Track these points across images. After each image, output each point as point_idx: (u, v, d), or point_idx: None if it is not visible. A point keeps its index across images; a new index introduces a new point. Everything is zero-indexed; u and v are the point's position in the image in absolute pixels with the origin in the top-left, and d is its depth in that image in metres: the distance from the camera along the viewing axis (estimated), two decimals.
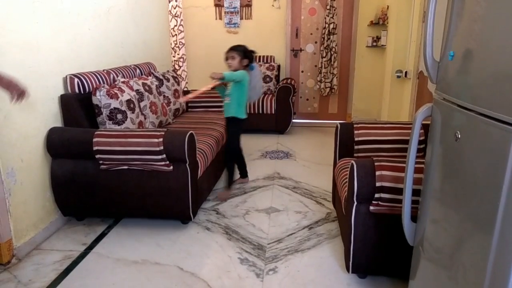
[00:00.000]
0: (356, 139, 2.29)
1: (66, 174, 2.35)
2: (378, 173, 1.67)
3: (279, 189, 3.10)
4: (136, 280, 1.95)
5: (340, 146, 2.39)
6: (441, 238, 1.20)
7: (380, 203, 1.70)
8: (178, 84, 3.88)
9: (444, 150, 1.21)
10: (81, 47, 2.73)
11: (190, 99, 3.55)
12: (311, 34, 5.30)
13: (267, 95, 4.80)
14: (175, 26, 4.95)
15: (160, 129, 2.49)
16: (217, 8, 5.30)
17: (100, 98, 2.48)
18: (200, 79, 2.83)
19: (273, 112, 4.69)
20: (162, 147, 2.19)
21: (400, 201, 1.58)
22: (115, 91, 2.57)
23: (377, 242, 1.78)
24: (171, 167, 2.28)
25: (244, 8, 5.27)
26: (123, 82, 2.79)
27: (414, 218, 1.42)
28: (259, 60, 5.24)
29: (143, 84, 3.01)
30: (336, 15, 5.08)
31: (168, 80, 3.67)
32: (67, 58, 2.57)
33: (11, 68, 2.05)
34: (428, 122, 1.34)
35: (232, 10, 5.27)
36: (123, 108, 2.58)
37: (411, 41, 4.03)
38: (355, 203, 1.75)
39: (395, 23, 4.25)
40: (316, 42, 5.31)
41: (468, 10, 1.10)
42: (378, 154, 2.23)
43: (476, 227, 0.99)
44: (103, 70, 2.87)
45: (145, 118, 2.88)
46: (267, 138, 4.65)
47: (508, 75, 0.88)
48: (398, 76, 4.25)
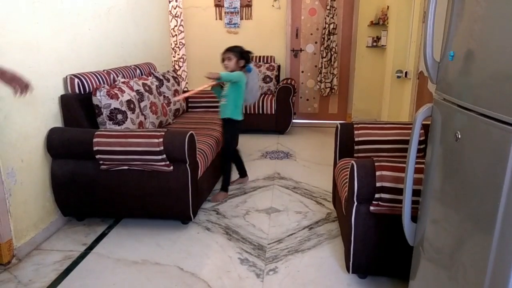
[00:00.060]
0: (356, 139, 2.29)
1: (66, 174, 2.35)
2: (378, 173, 1.67)
3: (279, 189, 3.10)
4: (136, 280, 1.95)
5: (340, 146, 2.39)
6: (441, 238, 1.20)
7: (380, 203, 1.70)
8: (178, 84, 3.88)
9: (444, 150, 1.21)
10: (81, 47, 2.74)
11: (184, 98, 3.48)
12: (311, 34, 5.30)
13: (267, 95, 4.80)
14: (175, 26, 4.95)
15: (160, 129, 2.49)
16: (217, 8, 5.31)
17: (100, 98, 2.48)
18: (200, 79, 2.82)
19: (273, 112, 4.69)
20: (162, 147, 2.19)
21: (400, 201, 1.58)
22: (115, 91, 2.57)
23: (377, 242, 1.78)
24: (171, 167, 2.28)
25: (244, 8, 5.27)
26: (123, 83, 2.79)
27: (414, 218, 1.42)
28: (259, 61, 5.24)
29: (143, 85, 3.01)
30: (336, 15, 5.08)
31: (168, 80, 3.67)
32: (67, 58, 2.57)
33: (11, 68, 2.05)
34: (428, 122, 1.34)
35: (232, 10, 5.27)
36: (123, 108, 2.58)
37: (411, 41, 4.03)
38: (355, 203, 1.75)
39: (395, 23, 4.25)
40: (316, 42, 5.32)
41: (468, 10, 1.10)
42: (378, 154, 2.23)
43: (476, 227, 0.99)
44: (103, 70, 2.87)
45: (145, 118, 2.88)
46: (267, 138, 4.65)
47: (508, 75, 0.88)
48: (398, 76, 4.25)
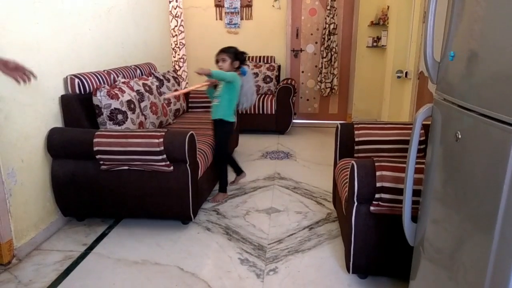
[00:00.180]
0: (356, 139, 2.29)
1: (67, 174, 2.35)
2: (378, 173, 1.67)
3: (279, 189, 3.10)
4: (136, 280, 1.95)
5: (341, 146, 2.39)
6: (441, 238, 1.20)
7: (380, 203, 1.70)
8: (179, 84, 3.88)
9: (444, 150, 1.21)
10: (81, 47, 2.74)
11: (174, 96, 3.35)
12: (312, 34, 5.30)
13: (267, 95, 4.80)
14: (176, 26, 4.96)
15: (161, 129, 2.49)
16: (217, 8, 5.31)
17: (100, 99, 2.48)
18: (201, 79, 2.82)
19: (273, 112, 4.69)
20: (162, 148, 2.19)
21: (400, 201, 1.58)
22: (116, 92, 2.57)
23: (377, 243, 1.78)
24: (172, 168, 2.28)
25: (244, 8, 5.27)
26: (123, 83, 2.79)
27: (415, 219, 1.42)
28: (260, 61, 5.25)
29: (144, 85, 3.01)
30: (336, 15, 5.08)
31: (168, 80, 3.67)
32: (68, 59, 2.57)
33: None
34: (429, 123, 1.34)
35: (233, 10, 5.27)
36: (124, 108, 2.58)
37: (411, 41, 4.03)
38: (356, 204, 1.75)
39: (396, 24, 4.26)
40: (316, 43, 5.32)
41: (468, 10, 1.10)
42: (378, 155, 2.23)
43: (477, 227, 0.99)
44: (104, 71, 2.87)
45: (145, 119, 2.88)
46: (268, 138, 4.65)
47: (509, 76, 0.88)
48: (399, 77, 4.25)
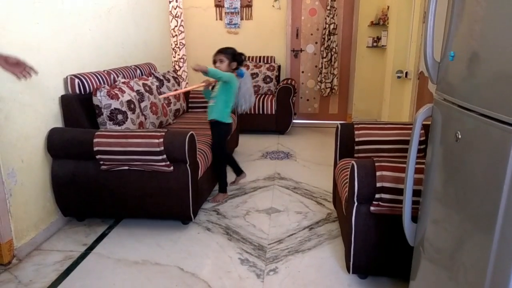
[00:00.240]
0: (356, 139, 2.29)
1: (67, 174, 2.35)
2: (378, 173, 1.67)
3: (279, 189, 3.10)
4: (136, 281, 1.95)
5: (341, 146, 2.39)
6: (441, 238, 1.20)
7: (380, 203, 1.70)
8: (179, 84, 3.88)
9: (444, 150, 1.21)
10: (81, 47, 2.74)
11: (170, 96, 3.28)
12: (312, 34, 5.30)
13: (267, 96, 4.80)
14: (176, 26, 4.96)
15: (161, 129, 2.49)
16: (217, 8, 5.31)
17: (100, 99, 2.48)
18: (201, 79, 2.82)
19: (273, 112, 4.69)
20: (162, 148, 2.19)
21: (400, 201, 1.58)
22: (116, 92, 2.57)
23: (377, 243, 1.78)
24: (172, 168, 2.28)
25: (244, 8, 5.27)
26: (123, 83, 2.79)
27: (415, 219, 1.42)
28: (260, 61, 5.25)
29: (144, 85, 3.01)
30: (336, 15, 5.08)
31: (168, 80, 3.67)
32: (68, 59, 2.57)
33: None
34: (429, 123, 1.34)
35: (233, 10, 5.27)
36: (124, 108, 2.58)
37: (411, 41, 4.03)
38: (356, 204, 1.75)
39: (396, 24, 4.25)
40: (316, 43, 5.32)
41: (468, 10, 1.10)
42: (378, 155, 2.23)
43: (477, 227, 0.99)
44: (104, 71, 2.88)
45: (145, 119, 2.88)
46: (268, 138, 4.65)
47: (509, 76, 0.88)
48: (399, 77, 4.25)
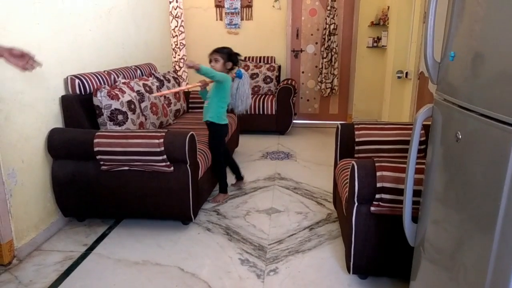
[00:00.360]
0: (356, 139, 2.29)
1: (67, 175, 2.35)
2: (378, 173, 1.67)
3: (279, 189, 3.10)
4: (137, 281, 1.95)
5: (341, 146, 2.39)
6: (442, 238, 1.20)
7: (381, 203, 1.70)
8: (179, 85, 3.88)
9: (445, 150, 1.21)
10: (81, 48, 2.74)
11: (164, 95, 3.25)
12: (312, 34, 5.30)
13: (267, 96, 4.80)
14: (176, 27, 4.96)
15: (161, 130, 2.49)
16: (217, 9, 5.31)
17: (101, 99, 2.49)
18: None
19: (273, 112, 4.69)
20: (162, 148, 2.19)
21: (401, 201, 1.58)
22: (116, 92, 2.57)
23: (378, 243, 1.78)
24: (172, 168, 2.28)
25: (244, 9, 5.28)
26: (123, 83, 2.79)
27: (415, 219, 1.42)
28: (260, 61, 5.25)
29: (144, 85, 3.01)
30: (336, 15, 5.08)
31: (169, 81, 3.67)
32: (68, 59, 2.57)
33: (12, 68, 2.06)
34: (429, 123, 1.34)
35: (233, 11, 5.27)
36: (124, 109, 2.58)
37: (411, 41, 4.03)
38: (356, 204, 1.75)
39: (396, 24, 4.25)
40: (316, 43, 5.32)
41: (468, 10, 1.10)
42: (378, 155, 2.23)
43: (477, 227, 0.98)
44: (104, 71, 2.88)
45: (145, 119, 2.88)
46: (268, 138, 4.65)
47: (509, 76, 0.88)
48: (399, 77, 4.25)
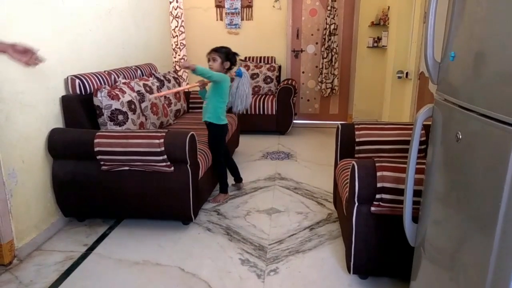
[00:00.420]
0: (357, 139, 2.29)
1: (67, 175, 2.35)
2: (379, 173, 1.67)
3: (280, 190, 3.10)
4: (137, 281, 1.95)
5: (341, 146, 2.39)
6: (442, 238, 1.20)
7: (381, 203, 1.70)
8: (179, 85, 3.89)
9: (445, 150, 1.21)
10: (82, 48, 2.74)
11: (162, 95, 3.22)
12: (312, 35, 5.30)
13: (268, 96, 4.80)
14: (176, 27, 4.96)
15: (161, 130, 2.49)
16: (218, 9, 5.31)
17: (101, 99, 2.49)
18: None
19: (274, 112, 4.69)
20: (163, 148, 2.19)
21: (401, 201, 1.58)
22: (116, 92, 2.57)
23: (378, 243, 1.78)
24: (172, 168, 2.28)
25: (245, 9, 5.28)
26: (124, 83, 2.80)
27: (415, 219, 1.42)
28: (260, 61, 5.25)
29: (144, 85, 3.01)
30: (337, 15, 5.08)
31: (169, 81, 3.68)
32: (68, 59, 2.58)
33: (12, 69, 2.06)
34: (429, 123, 1.34)
35: (233, 11, 5.27)
36: (124, 109, 2.59)
37: (412, 41, 4.03)
38: (356, 204, 1.75)
39: (396, 24, 4.25)
40: (317, 43, 5.32)
41: (469, 10, 1.10)
42: (379, 155, 2.23)
43: (478, 227, 0.98)
44: (104, 71, 2.88)
45: (146, 119, 2.89)
46: (268, 138, 4.65)
47: (509, 76, 0.88)
48: (399, 77, 4.25)
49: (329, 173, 3.18)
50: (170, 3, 4.80)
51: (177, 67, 5.05)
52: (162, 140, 2.20)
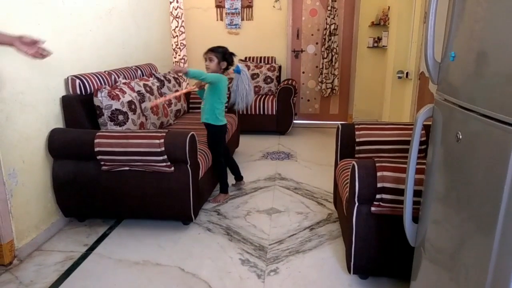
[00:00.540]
0: (357, 139, 2.29)
1: (68, 175, 2.35)
2: (379, 174, 1.67)
3: (280, 190, 3.10)
4: (137, 281, 1.95)
5: (341, 147, 2.39)
6: (442, 239, 1.19)
7: (381, 204, 1.70)
8: (179, 85, 3.89)
9: (445, 151, 1.21)
10: (82, 48, 2.74)
11: (159, 103, 3.15)
12: (312, 35, 5.30)
13: (268, 96, 4.80)
14: (176, 27, 4.96)
15: (162, 130, 2.49)
16: (218, 9, 5.31)
17: (101, 99, 2.49)
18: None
19: (274, 113, 4.69)
20: (163, 148, 2.19)
21: (401, 202, 1.58)
22: (117, 92, 2.58)
23: (378, 243, 1.78)
24: (172, 168, 2.28)
25: (245, 9, 5.28)
26: (124, 83, 2.80)
27: (416, 219, 1.42)
28: (260, 61, 5.25)
29: (144, 85, 3.01)
30: (337, 16, 5.08)
31: (169, 81, 3.68)
32: (69, 60, 2.58)
33: (13, 69, 2.06)
34: (429, 123, 1.34)
35: (233, 11, 5.27)
36: (124, 109, 2.59)
37: (412, 41, 4.03)
38: (357, 204, 1.75)
39: (396, 24, 4.25)
40: (317, 43, 5.32)
41: (469, 10, 1.10)
42: (379, 155, 2.23)
43: (478, 227, 0.98)
44: (105, 71, 2.88)
45: (146, 119, 2.89)
46: (268, 138, 4.65)
47: (510, 76, 0.88)
48: (399, 77, 4.24)
49: (329, 173, 3.18)
50: (170, 3, 4.80)
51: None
52: (162, 140, 2.20)
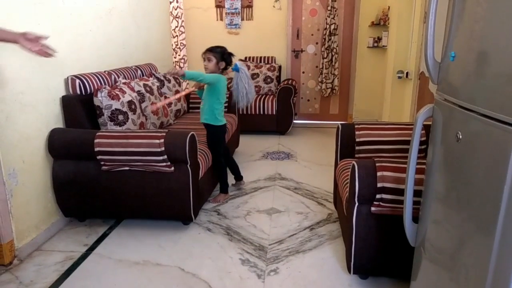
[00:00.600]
0: (357, 139, 2.29)
1: (68, 175, 2.35)
2: (379, 173, 1.67)
3: (280, 190, 3.10)
4: (137, 281, 1.95)
5: (341, 146, 2.39)
6: (442, 239, 1.20)
7: (381, 203, 1.70)
8: (179, 85, 3.88)
9: (445, 150, 1.21)
10: (82, 48, 2.74)
11: (159, 107, 3.12)
12: (312, 35, 5.30)
13: (268, 96, 4.80)
14: (176, 27, 4.96)
15: (162, 130, 2.49)
16: (218, 9, 5.31)
17: (101, 99, 2.49)
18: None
19: (274, 113, 4.69)
20: (163, 148, 2.19)
21: (401, 202, 1.58)
22: (117, 92, 2.57)
23: (378, 243, 1.78)
24: (172, 168, 2.28)
25: (245, 9, 5.28)
26: (124, 83, 2.80)
27: (416, 219, 1.42)
28: (260, 61, 5.25)
29: (144, 85, 3.01)
30: (337, 15, 5.08)
31: (169, 81, 3.68)
32: (69, 59, 2.58)
33: (13, 69, 2.06)
34: (429, 123, 1.34)
35: (233, 11, 5.27)
36: (124, 109, 2.59)
37: (412, 41, 4.03)
38: (357, 204, 1.75)
39: (396, 24, 4.25)
40: (317, 43, 5.31)
41: (469, 10, 1.10)
42: (379, 155, 2.23)
43: (478, 228, 0.98)
44: (105, 71, 2.88)
45: (146, 119, 2.89)
46: (268, 138, 4.65)
47: (509, 76, 0.88)
48: (399, 77, 4.24)
49: (329, 173, 3.18)
50: (170, 3, 4.80)
51: (177, 67, 5.05)
52: (162, 140, 2.20)
